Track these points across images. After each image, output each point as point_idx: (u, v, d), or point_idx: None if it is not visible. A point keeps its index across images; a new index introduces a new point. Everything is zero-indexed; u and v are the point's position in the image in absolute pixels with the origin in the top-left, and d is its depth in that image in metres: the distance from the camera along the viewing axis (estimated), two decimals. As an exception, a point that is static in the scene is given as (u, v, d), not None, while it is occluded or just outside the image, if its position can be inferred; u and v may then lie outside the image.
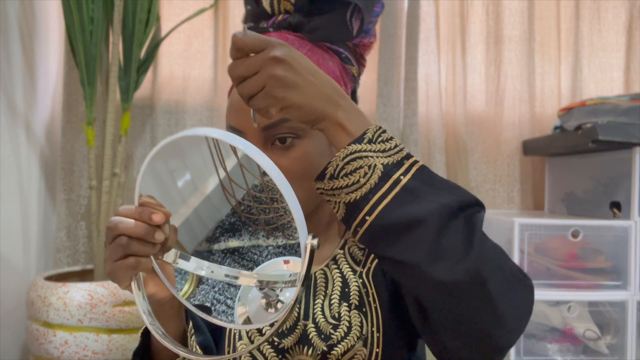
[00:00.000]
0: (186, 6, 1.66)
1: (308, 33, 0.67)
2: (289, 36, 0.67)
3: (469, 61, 1.76)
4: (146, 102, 1.69)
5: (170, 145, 0.50)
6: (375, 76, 1.71)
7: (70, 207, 1.64)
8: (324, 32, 0.67)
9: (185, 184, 0.60)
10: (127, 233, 0.52)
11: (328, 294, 0.71)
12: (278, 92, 0.51)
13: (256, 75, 0.52)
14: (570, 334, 1.36)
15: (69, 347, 1.23)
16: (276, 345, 0.68)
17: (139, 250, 0.53)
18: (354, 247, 0.74)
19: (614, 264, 1.35)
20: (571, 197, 1.62)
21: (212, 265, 0.58)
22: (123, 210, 0.54)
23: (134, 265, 0.53)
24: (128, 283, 0.55)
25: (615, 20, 1.77)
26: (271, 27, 0.67)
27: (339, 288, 0.71)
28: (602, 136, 1.28)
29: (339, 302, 0.70)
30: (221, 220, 0.62)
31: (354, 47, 0.72)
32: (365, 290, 0.70)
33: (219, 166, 0.58)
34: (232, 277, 0.57)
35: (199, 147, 0.58)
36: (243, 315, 0.58)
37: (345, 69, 0.71)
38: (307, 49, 0.66)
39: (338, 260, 0.73)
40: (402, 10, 1.72)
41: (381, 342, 0.68)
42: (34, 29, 1.58)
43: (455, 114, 1.76)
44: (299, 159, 0.64)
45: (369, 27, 0.71)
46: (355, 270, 0.72)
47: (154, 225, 0.52)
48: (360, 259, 0.73)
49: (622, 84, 1.78)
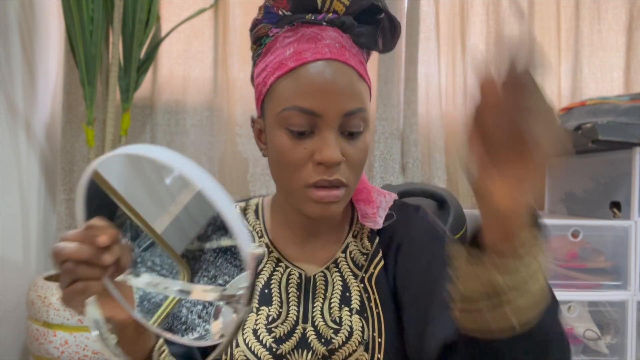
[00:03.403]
0: (186, 6, 1.66)
1: (355, 36, 0.68)
2: (343, 34, 0.68)
3: (469, 61, 1.76)
4: (146, 102, 1.69)
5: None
6: (376, 76, 1.71)
7: (70, 207, 1.64)
8: (365, 40, 0.69)
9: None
10: (72, 257, 0.50)
11: (327, 297, 0.70)
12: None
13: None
14: (570, 334, 1.36)
15: (69, 347, 1.23)
16: (274, 351, 0.67)
17: (86, 274, 0.50)
18: (356, 250, 0.73)
19: (614, 264, 1.35)
20: (571, 197, 1.62)
21: (166, 280, 0.55)
22: (68, 235, 0.51)
23: (82, 290, 0.51)
24: (81, 309, 0.54)
25: (615, 20, 1.77)
26: (324, 22, 0.67)
27: (339, 292, 0.70)
28: (602, 136, 1.28)
29: (340, 306, 0.69)
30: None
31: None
32: (367, 295, 0.69)
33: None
34: (185, 292, 0.55)
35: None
36: (218, 332, 0.56)
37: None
38: (355, 50, 0.68)
39: (339, 263, 0.72)
40: (402, 10, 1.72)
41: (383, 348, 0.67)
42: (34, 29, 1.58)
43: (455, 114, 1.76)
44: (362, 150, 0.66)
45: (394, 44, 0.74)
46: (356, 275, 0.71)
47: (101, 247, 0.50)
48: (362, 263, 0.72)
49: (622, 84, 1.78)
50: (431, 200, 1.46)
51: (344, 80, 0.63)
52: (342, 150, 0.63)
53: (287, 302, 0.70)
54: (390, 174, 1.69)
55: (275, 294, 0.71)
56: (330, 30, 0.67)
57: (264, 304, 0.70)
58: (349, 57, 0.65)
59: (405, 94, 1.70)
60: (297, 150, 0.63)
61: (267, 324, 0.69)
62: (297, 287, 0.71)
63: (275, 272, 0.72)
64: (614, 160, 1.40)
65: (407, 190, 1.46)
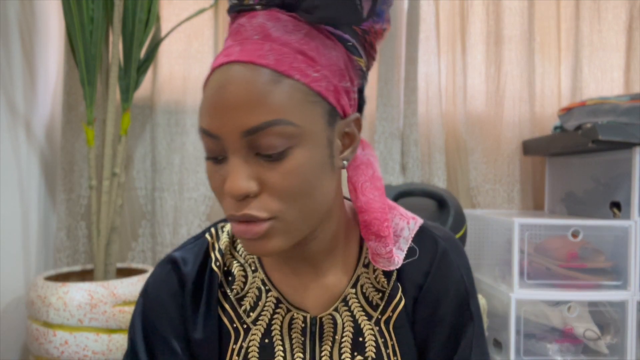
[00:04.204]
0: (186, 6, 1.66)
1: (305, 13, 0.52)
2: (281, 16, 0.52)
3: (469, 61, 1.76)
4: (146, 102, 1.69)
5: None
6: (376, 76, 1.71)
7: (70, 207, 1.64)
8: (325, 13, 0.51)
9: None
10: None
11: (337, 340, 0.60)
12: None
13: None
14: (570, 334, 1.36)
15: (69, 347, 1.23)
16: None
17: None
18: (368, 285, 0.61)
19: (614, 264, 1.35)
20: (571, 197, 1.62)
21: None
22: None
23: None
24: None
25: (615, 20, 1.77)
26: (258, 5, 0.52)
27: (350, 336, 0.60)
28: (602, 136, 1.28)
29: (352, 354, 0.59)
30: None
31: (363, 33, 0.55)
32: (383, 340, 0.60)
33: None
34: None
35: None
36: None
37: (351, 61, 0.56)
38: (302, 34, 0.51)
39: (349, 301, 0.61)
40: (402, 10, 1.72)
41: None
42: (34, 29, 1.58)
43: (455, 114, 1.76)
44: (292, 173, 0.50)
45: (383, 8, 0.55)
46: (370, 316, 0.60)
47: None
48: (377, 302, 0.61)
49: (622, 84, 1.78)
50: (431, 200, 1.46)
51: (245, 88, 0.48)
52: (258, 176, 0.50)
53: (292, 351, 0.60)
54: (390, 174, 1.69)
55: (277, 343, 0.61)
56: (261, 16, 0.52)
57: (265, 357, 0.61)
58: (266, 51, 0.50)
59: (405, 94, 1.70)
60: (215, 178, 0.52)
61: None
62: (301, 332, 0.61)
63: (275, 315, 0.61)
64: (614, 160, 1.40)
65: (407, 190, 1.46)
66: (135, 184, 1.70)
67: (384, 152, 1.69)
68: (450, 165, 1.76)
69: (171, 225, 1.66)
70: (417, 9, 1.69)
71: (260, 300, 0.61)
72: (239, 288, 0.62)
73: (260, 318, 0.61)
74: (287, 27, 0.51)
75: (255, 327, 0.61)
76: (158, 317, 0.62)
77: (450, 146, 1.76)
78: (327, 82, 0.52)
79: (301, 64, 0.50)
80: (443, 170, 1.71)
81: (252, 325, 0.61)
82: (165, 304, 0.62)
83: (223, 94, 0.49)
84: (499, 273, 1.46)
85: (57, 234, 1.63)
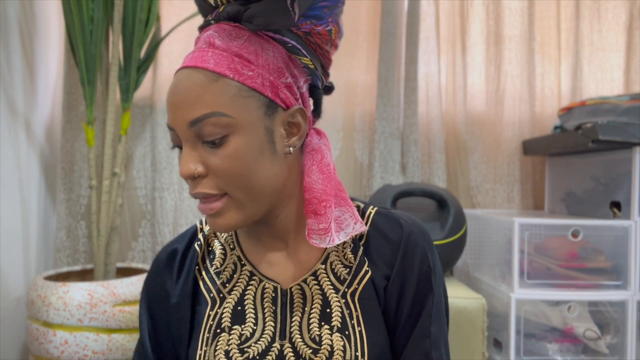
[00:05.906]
0: (186, 6, 1.66)
1: (247, 22, 0.62)
2: (226, 27, 0.62)
3: (469, 61, 1.76)
4: (146, 102, 1.69)
5: None
6: (376, 76, 1.71)
7: (70, 206, 1.64)
8: (262, 20, 0.61)
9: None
10: None
11: (306, 311, 0.66)
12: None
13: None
14: (570, 334, 1.36)
15: (69, 347, 1.23)
16: None
17: None
18: (338, 263, 0.68)
19: (614, 264, 1.35)
20: (571, 197, 1.62)
21: None
22: None
23: None
24: None
25: (615, 20, 1.77)
26: (212, 20, 0.63)
27: (319, 307, 0.66)
28: (602, 136, 1.28)
29: (319, 324, 0.65)
30: None
31: (305, 35, 0.65)
32: (348, 311, 0.65)
33: None
34: None
35: None
36: None
37: (292, 60, 0.65)
38: (244, 40, 0.61)
39: (319, 275, 0.67)
40: (402, 10, 1.72)
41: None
42: (34, 29, 1.58)
43: (455, 113, 1.76)
44: (230, 157, 0.59)
45: (319, 12, 0.64)
46: (337, 290, 0.66)
47: None
48: (344, 277, 0.67)
49: (622, 84, 1.78)
50: (431, 200, 1.46)
51: (188, 88, 0.59)
52: (204, 161, 0.60)
53: (263, 319, 0.67)
54: (390, 173, 1.69)
55: (249, 310, 0.67)
56: (213, 29, 0.63)
57: (237, 323, 0.67)
58: (209, 57, 0.60)
59: (405, 93, 1.70)
60: (179, 164, 0.62)
61: (240, 343, 0.65)
62: (272, 301, 0.67)
63: (248, 287, 0.69)
64: (614, 160, 1.40)
65: (407, 190, 1.46)
66: (135, 183, 1.70)
67: (384, 152, 1.69)
68: (450, 165, 1.76)
69: (171, 225, 1.66)
70: (417, 9, 1.69)
71: (235, 273, 0.70)
72: (218, 264, 0.71)
73: (235, 289, 0.69)
74: (230, 35, 0.61)
75: (230, 297, 0.69)
76: (156, 286, 0.74)
77: (450, 146, 1.76)
78: (263, 79, 0.61)
79: (237, 65, 0.60)
80: (443, 170, 1.71)
81: (227, 295, 0.69)
82: (162, 274, 0.74)
83: (174, 93, 0.60)
84: (499, 273, 1.46)
85: (57, 234, 1.63)
